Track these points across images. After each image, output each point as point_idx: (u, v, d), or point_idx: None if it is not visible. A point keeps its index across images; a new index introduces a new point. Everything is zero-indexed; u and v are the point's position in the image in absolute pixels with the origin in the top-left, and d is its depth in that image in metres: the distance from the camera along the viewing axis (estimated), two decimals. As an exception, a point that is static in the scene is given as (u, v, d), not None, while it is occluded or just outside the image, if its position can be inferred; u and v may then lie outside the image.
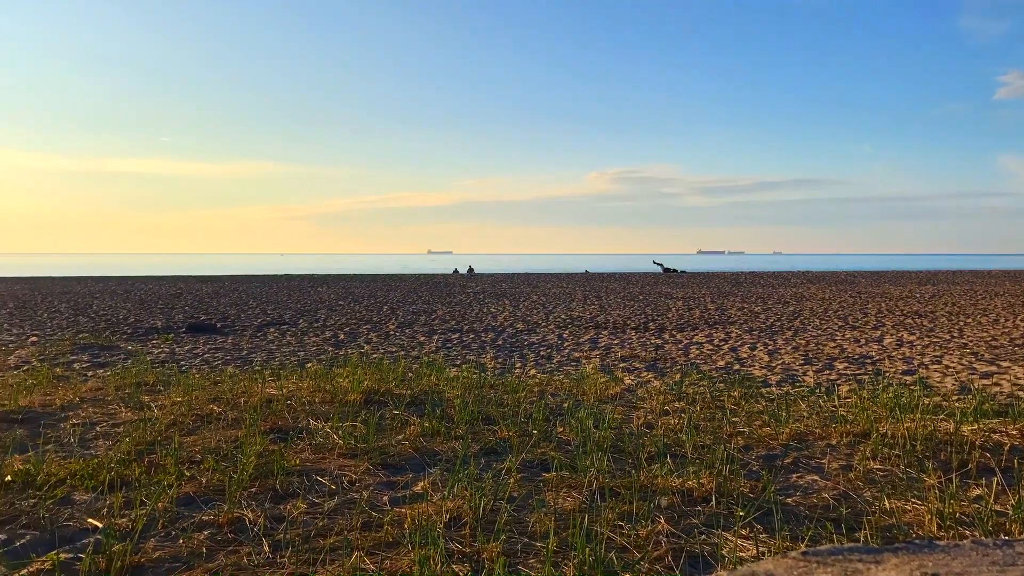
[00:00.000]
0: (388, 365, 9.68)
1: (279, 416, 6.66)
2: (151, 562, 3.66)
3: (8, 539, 3.93)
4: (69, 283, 38.69)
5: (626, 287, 35.58)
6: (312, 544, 3.86)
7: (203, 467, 5.11)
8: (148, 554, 3.73)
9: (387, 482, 4.97)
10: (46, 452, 5.56)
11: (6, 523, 4.15)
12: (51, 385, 8.40)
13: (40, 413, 6.95)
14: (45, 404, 7.28)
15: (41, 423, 6.56)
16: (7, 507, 4.35)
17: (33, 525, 4.13)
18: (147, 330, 16.07)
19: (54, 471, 4.93)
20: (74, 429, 6.34)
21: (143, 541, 3.89)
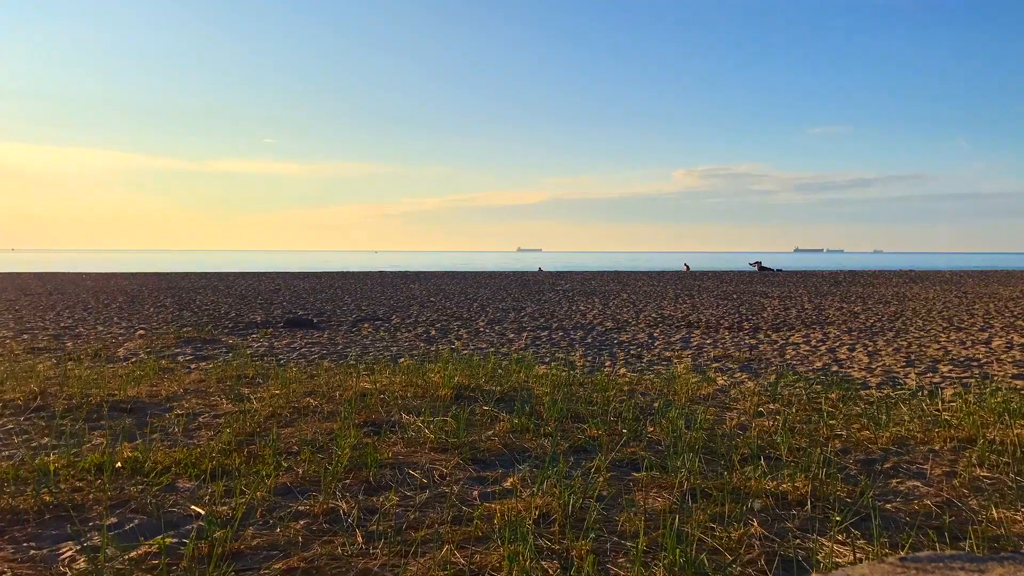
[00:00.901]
0: (478, 361, 9.76)
1: (372, 410, 6.79)
2: (250, 549, 3.79)
3: (119, 523, 4.12)
4: (175, 278, 40.28)
5: (719, 285, 35.00)
6: (404, 536, 3.93)
7: (300, 458, 5.25)
8: (247, 541, 3.86)
9: (477, 477, 5.01)
10: (152, 441, 5.81)
11: (116, 507, 4.34)
12: (157, 377, 8.76)
13: (147, 403, 7.25)
14: (152, 395, 7.60)
15: (148, 413, 6.84)
16: (117, 492, 4.56)
17: (141, 510, 4.32)
18: (247, 325, 16.59)
19: (160, 459, 5.14)
20: (178, 419, 6.59)
21: (243, 529, 4.02)
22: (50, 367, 9.46)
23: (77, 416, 6.64)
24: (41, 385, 7.85)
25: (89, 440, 5.83)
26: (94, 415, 6.72)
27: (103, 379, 8.36)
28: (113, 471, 4.91)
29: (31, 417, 6.65)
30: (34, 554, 3.70)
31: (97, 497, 4.46)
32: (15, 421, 6.50)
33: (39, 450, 5.52)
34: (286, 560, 3.65)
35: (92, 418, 6.62)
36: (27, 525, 4.08)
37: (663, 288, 32.52)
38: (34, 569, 3.52)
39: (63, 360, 10.48)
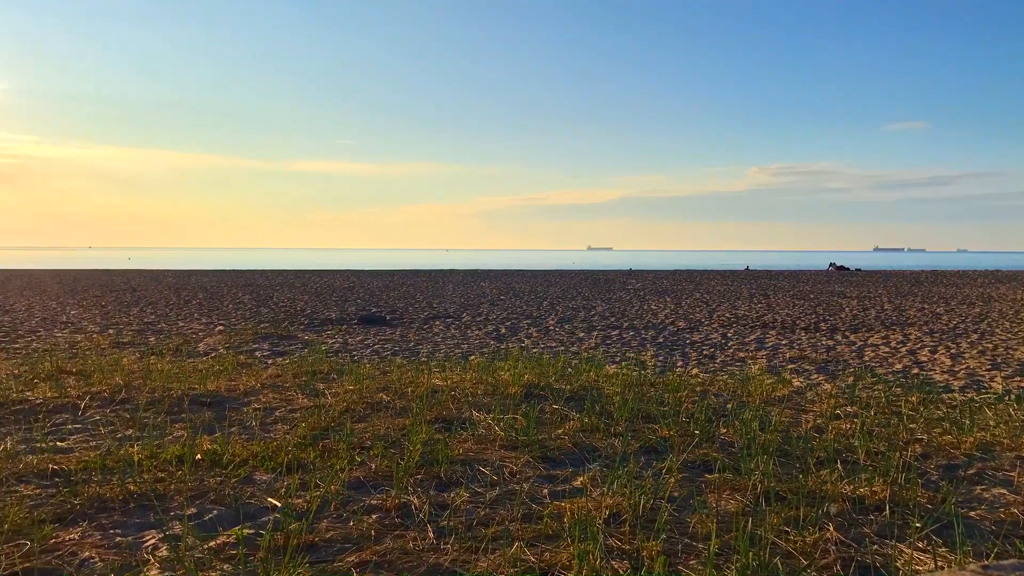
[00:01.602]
0: (548, 360, 9.75)
1: (443, 406, 6.85)
2: (324, 541, 3.86)
3: (198, 513, 4.24)
4: (253, 276, 41.26)
5: (795, 285, 34.31)
6: (474, 532, 3.95)
7: (372, 453, 5.33)
8: (321, 534, 3.93)
9: (547, 475, 5.02)
10: (231, 434, 5.96)
11: (196, 498, 4.47)
12: (235, 372, 8.98)
13: (226, 397, 7.45)
14: (230, 389, 7.79)
15: (227, 407, 7.02)
16: (197, 483, 4.69)
17: (219, 501, 4.43)
18: (322, 321, 16.90)
19: (238, 452, 5.27)
20: (256, 413, 6.75)
21: (317, 521, 4.09)
22: (134, 361, 9.79)
23: (159, 409, 6.85)
24: (126, 378, 8.12)
25: (170, 432, 6.01)
26: (175, 408, 6.93)
27: (184, 373, 8.60)
28: (193, 463, 5.05)
29: (116, 409, 6.89)
30: (120, 541, 3.83)
31: (178, 488, 4.60)
32: (102, 413, 6.75)
33: (124, 441, 5.72)
34: (359, 553, 3.71)
35: (173, 411, 6.83)
36: (113, 513, 4.23)
37: (737, 287, 32.02)
38: (120, 555, 3.65)
39: (146, 355, 10.83)
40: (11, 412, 6.68)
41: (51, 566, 3.52)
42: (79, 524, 4.04)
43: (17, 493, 4.48)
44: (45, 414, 6.63)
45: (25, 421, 6.38)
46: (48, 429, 6.15)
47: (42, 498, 4.41)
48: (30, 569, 3.47)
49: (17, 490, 4.55)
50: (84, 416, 6.64)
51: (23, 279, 36.42)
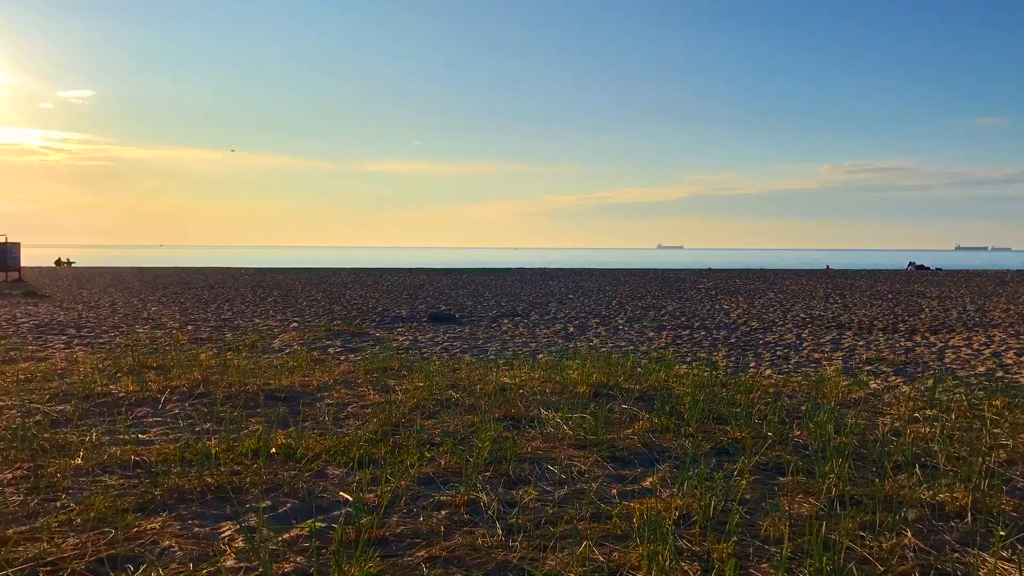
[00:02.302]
0: (617, 359, 9.70)
1: (512, 404, 6.87)
2: (394, 536, 3.90)
3: (273, 505, 4.34)
4: (326, 274, 41.99)
5: (872, 284, 33.47)
6: (542, 531, 3.95)
7: (442, 449, 5.38)
8: (392, 528, 3.98)
9: (615, 475, 4.99)
10: (304, 428, 6.08)
11: (271, 491, 4.57)
12: (309, 367, 9.15)
13: (300, 392, 7.59)
14: (304, 384, 7.94)
15: (300, 402, 7.16)
16: (272, 476, 4.80)
17: (293, 494, 4.53)
18: (393, 319, 17.11)
19: (311, 446, 5.38)
20: (328, 408, 6.87)
21: (388, 516, 4.14)
22: (212, 357, 10.05)
23: (235, 403, 7.02)
24: (203, 373, 8.35)
25: (246, 426, 6.16)
26: (251, 403, 7.09)
27: (259, 369, 8.80)
28: (268, 456, 5.17)
29: (195, 403, 7.08)
30: (198, 531, 3.94)
31: (253, 480, 4.71)
32: (181, 407, 6.95)
33: (201, 434, 5.88)
34: (428, 548, 3.74)
35: (249, 405, 6.99)
36: (191, 504, 4.35)
37: (812, 287, 31.37)
38: (198, 545, 3.75)
39: (223, 350, 11.12)
40: (96, 405, 6.93)
41: (134, 554, 3.64)
42: (159, 514, 4.17)
43: (102, 483, 4.65)
44: (128, 407, 6.86)
45: (109, 413, 6.61)
46: (130, 422, 6.36)
47: (125, 488, 4.57)
48: (115, 556, 3.59)
49: (102, 480, 4.72)
50: (164, 409, 6.85)
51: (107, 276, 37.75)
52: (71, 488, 4.57)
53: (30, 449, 5.31)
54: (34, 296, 23.82)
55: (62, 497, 4.40)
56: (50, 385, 7.79)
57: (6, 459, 5.11)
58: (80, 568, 3.45)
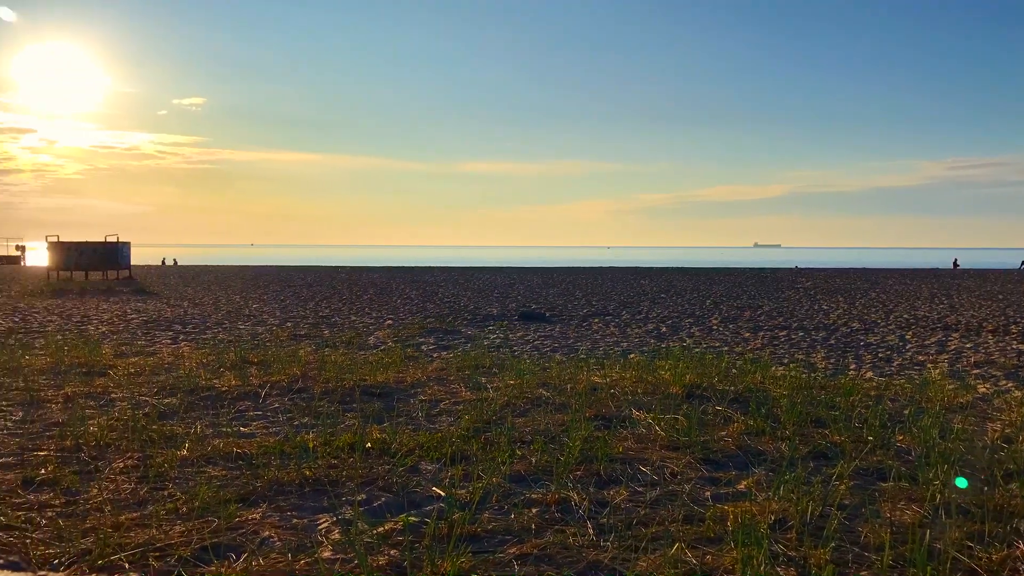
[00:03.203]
0: (711, 359, 9.55)
1: (603, 404, 6.83)
2: (486, 532, 3.93)
3: (368, 499, 4.42)
4: (419, 273, 42.61)
5: (981, 285, 32.05)
6: (634, 531, 3.92)
7: (533, 448, 5.39)
8: (484, 525, 4.01)
9: (709, 477, 4.91)
10: (399, 424, 6.18)
11: (366, 485, 4.67)
12: (403, 364, 9.29)
13: (394, 389, 7.73)
14: (398, 381, 8.08)
15: (395, 398, 7.29)
16: (367, 471, 4.89)
17: (387, 488, 4.61)
18: (484, 317, 17.24)
19: (405, 442, 5.46)
20: (422, 405, 6.97)
21: (479, 512, 4.18)
22: (310, 353, 10.31)
23: (332, 398, 7.19)
24: (302, 369, 8.57)
25: (343, 421, 6.30)
26: (347, 398, 7.25)
27: (355, 365, 8.98)
28: (364, 451, 5.27)
29: (293, 398, 7.28)
30: (296, 523, 4.05)
31: (349, 474, 4.81)
32: (280, 401, 7.16)
33: (300, 428, 6.04)
34: (520, 546, 3.76)
35: (345, 401, 7.15)
36: (290, 496, 4.47)
37: (917, 287, 30.24)
38: (296, 536, 3.86)
39: (321, 347, 11.40)
40: (200, 398, 7.19)
41: (235, 543, 3.77)
42: (260, 505, 4.30)
43: (206, 473, 4.83)
44: (230, 401, 7.11)
45: (213, 407, 6.85)
46: (233, 415, 6.58)
47: (227, 479, 4.73)
48: (218, 544, 3.72)
49: (206, 471, 4.89)
50: (264, 404, 7.06)
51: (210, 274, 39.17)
52: (177, 478, 4.76)
53: (140, 440, 5.55)
54: (143, 293, 24.91)
55: (169, 486, 4.59)
56: (158, 379, 8.13)
57: (118, 449, 5.35)
58: (186, 555, 3.59)
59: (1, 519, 4.01)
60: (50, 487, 4.55)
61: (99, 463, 5.03)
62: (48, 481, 4.65)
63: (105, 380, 8.02)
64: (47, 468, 4.86)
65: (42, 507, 4.22)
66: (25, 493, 4.45)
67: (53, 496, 4.39)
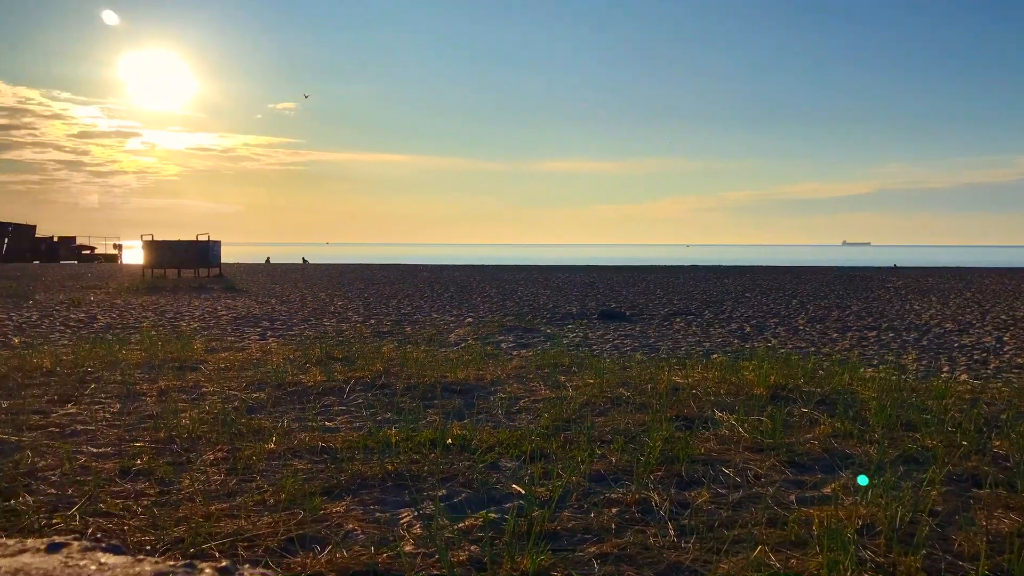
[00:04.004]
0: (796, 360, 9.34)
1: (684, 404, 6.76)
2: (566, 531, 3.93)
3: (448, 495, 4.47)
4: (498, 271, 42.82)
5: (1085, 285, 30.55)
6: (716, 533, 3.86)
7: (612, 447, 5.36)
8: (563, 523, 4.01)
9: (794, 480, 4.81)
10: (478, 421, 6.22)
11: (447, 480, 4.71)
12: (483, 362, 9.35)
13: (473, 386, 7.78)
14: (478, 378, 8.13)
15: (475, 395, 7.34)
16: (448, 466, 4.94)
17: (467, 484, 4.64)
18: (563, 315, 17.22)
19: (485, 439, 5.50)
20: (501, 402, 7.00)
21: (559, 511, 4.17)
22: (393, 349, 10.47)
23: (414, 395, 7.29)
24: (385, 365, 8.71)
25: (424, 417, 6.38)
26: (428, 394, 7.33)
27: (436, 362, 9.08)
28: (444, 447, 5.33)
29: (376, 393, 7.41)
30: (379, 516, 4.12)
31: (430, 469, 4.86)
32: (364, 396, 7.28)
33: (382, 423, 6.14)
34: (600, 545, 3.74)
35: (427, 397, 7.23)
36: (372, 490, 4.55)
37: (1016, 286, 29.00)
38: (379, 530, 3.92)
39: (403, 343, 11.56)
40: (287, 393, 7.38)
41: (320, 535, 3.85)
42: (344, 498, 4.39)
43: (292, 466, 4.95)
44: (315, 396, 7.27)
45: (299, 401, 7.02)
46: (318, 410, 6.73)
47: (313, 472, 4.84)
48: (303, 536, 3.81)
49: (292, 464, 5.02)
50: (348, 399, 7.20)
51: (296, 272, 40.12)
52: (265, 470, 4.89)
53: (229, 433, 5.72)
54: (232, 291, 25.66)
55: (257, 478, 4.71)
56: (247, 374, 8.36)
57: (209, 441, 5.53)
58: (273, 545, 3.69)
59: (101, 506, 4.18)
60: (145, 477, 4.73)
61: (191, 455, 5.21)
62: (143, 471, 4.83)
63: (196, 374, 8.29)
64: (142, 458, 5.05)
65: (138, 496, 4.39)
66: (122, 482, 4.63)
67: (148, 486, 4.56)
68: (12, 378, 7.93)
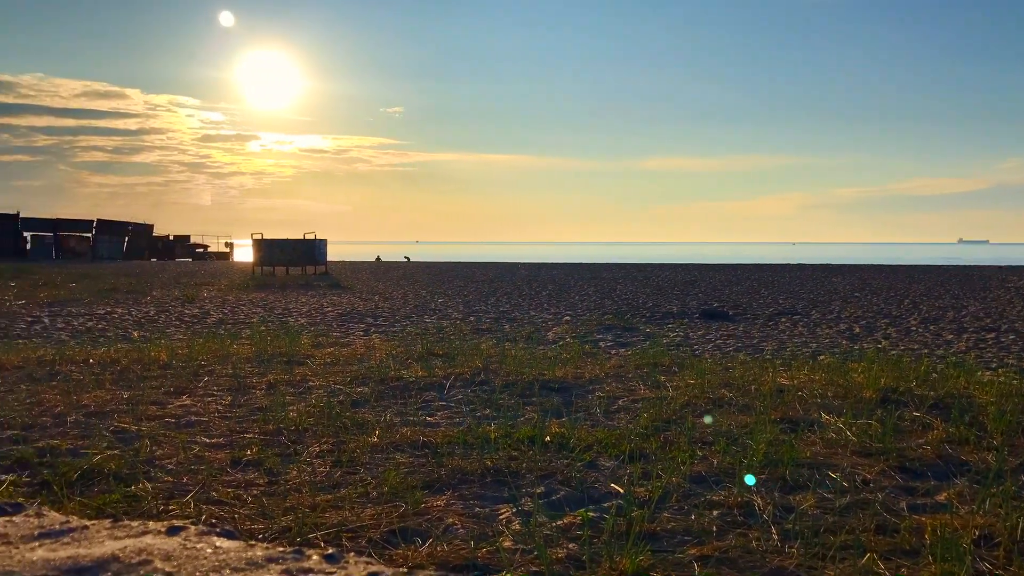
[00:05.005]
0: (908, 362, 8.99)
1: (789, 406, 6.59)
2: (665, 531, 3.89)
3: (546, 492, 4.48)
4: (597, 269, 42.64)
5: None
6: (822, 539, 3.76)
7: (714, 448, 5.27)
8: (663, 524, 3.97)
9: (905, 486, 4.63)
10: (576, 419, 6.21)
11: (545, 478, 4.73)
12: (581, 360, 9.32)
13: (572, 384, 7.77)
14: (576, 376, 8.12)
15: (573, 393, 7.33)
16: (546, 464, 4.95)
17: (566, 483, 4.64)
18: (663, 314, 17.02)
19: (583, 437, 5.49)
20: (599, 401, 6.97)
21: (658, 511, 4.13)
22: (491, 346, 10.55)
23: (512, 392, 7.33)
24: (484, 362, 8.78)
25: (522, 414, 6.41)
26: (527, 392, 7.36)
27: (535, 360, 9.10)
28: (542, 444, 5.34)
29: (475, 390, 7.48)
30: (478, 512, 4.16)
31: (529, 466, 4.89)
32: (463, 392, 7.37)
33: (481, 419, 6.20)
34: (700, 547, 3.69)
35: (525, 394, 7.26)
36: (472, 485, 4.60)
37: None
38: (478, 525, 3.96)
39: (502, 341, 11.63)
40: (389, 388, 7.52)
41: (421, 528, 3.92)
42: (444, 492, 4.45)
43: (394, 460, 5.04)
44: (416, 391, 7.39)
45: (401, 396, 7.15)
46: (419, 405, 6.84)
47: (414, 466, 4.92)
48: (405, 528, 3.89)
49: (394, 457, 5.12)
50: (448, 395, 7.29)
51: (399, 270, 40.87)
52: (368, 463, 5.00)
53: (334, 426, 5.87)
54: (337, 288, 26.34)
55: (360, 471, 4.83)
56: (351, 368, 8.57)
57: (315, 433, 5.69)
58: (375, 536, 3.77)
59: (213, 494, 4.36)
60: (255, 467, 4.91)
61: (297, 446, 5.37)
62: (253, 461, 5.01)
63: (303, 369, 8.54)
64: (252, 449, 5.23)
65: (248, 485, 4.55)
66: (233, 472, 4.81)
67: (257, 476, 4.73)
68: (132, 370, 8.34)
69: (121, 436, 5.62)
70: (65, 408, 6.44)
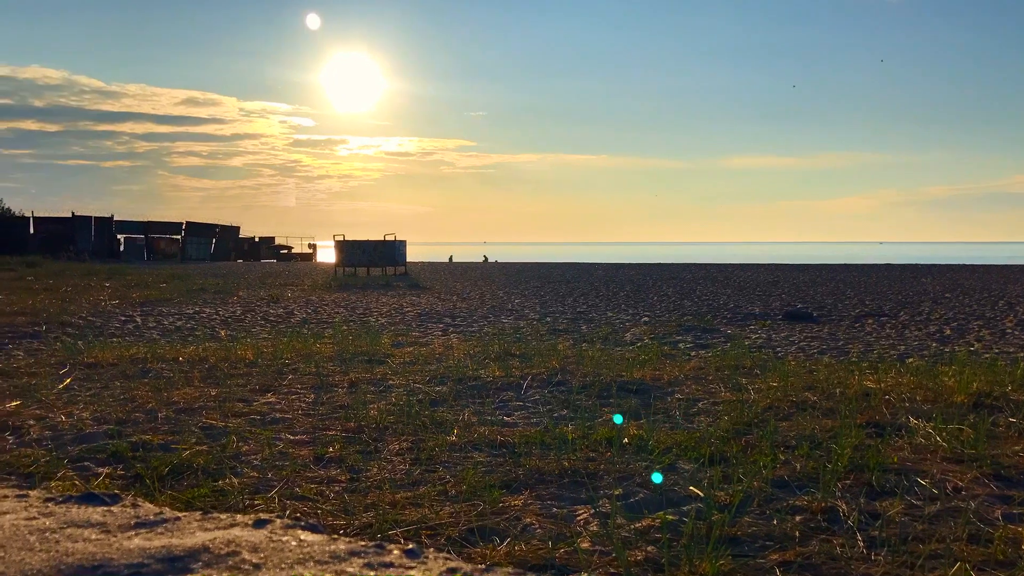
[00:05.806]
0: (1003, 366, 8.65)
1: (876, 410, 6.40)
2: (746, 536, 3.82)
3: (625, 494, 4.45)
4: (676, 269, 42.18)
5: None
6: (909, 547, 3.64)
7: (797, 453, 5.16)
8: (744, 528, 3.90)
9: (999, 495, 4.45)
10: (655, 421, 6.15)
11: (623, 479, 4.70)
12: (660, 361, 9.24)
13: (650, 386, 7.71)
14: (655, 378, 8.04)
15: (651, 395, 7.26)
16: (624, 466, 4.92)
17: (644, 485, 4.61)
18: (745, 316, 16.74)
19: (662, 439, 5.43)
20: (679, 403, 6.89)
21: (739, 515, 4.07)
22: (568, 347, 10.54)
23: (590, 393, 7.30)
24: (561, 363, 8.78)
25: (600, 415, 6.38)
26: (604, 393, 7.33)
27: (612, 361, 9.06)
28: (621, 446, 5.31)
29: (552, 390, 7.48)
30: (556, 512, 4.17)
31: (607, 468, 4.87)
32: (540, 393, 7.38)
33: (559, 420, 6.20)
34: (782, 552, 3.62)
35: (603, 395, 7.23)
36: (549, 486, 4.60)
37: None
38: (555, 525, 3.96)
39: (579, 341, 11.61)
40: (467, 387, 7.58)
41: (499, 527, 3.94)
42: (522, 492, 4.46)
43: (472, 459, 5.08)
44: (494, 391, 7.43)
45: (478, 396, 7.20)
46: (496, 404, 6.88)
47: (492, 465, 4.95)
48: (483, 527, 3.91)
49: (472, 456, 5.16)
50: (525, 395, 7.31)
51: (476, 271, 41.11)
52: (447, 461, 5.05)
53: (414, 424, 5.95)
54: (416, 288, 26.67)
55: (439, 469, 4.88)
56: (430, 368, 8.66)
57: (395, 432, 5.78)
58: (454, 535, 3.80)
59: (297, 490, 4.46)
60: (337, 464, 5.00)
61: (378, 444, 5.46)
62: (335, 458, 5.11)
63: (384, 368, 8.67)
64: (334, 447, 5.34)
65: (330, 482, 4.65)
66: (316, 468, 4.92)
67: (339, 472, 4.83)
68: (219, 368, 8.60)
69: (209, 432, 5.80)
70: (156, 404, 6.68)
